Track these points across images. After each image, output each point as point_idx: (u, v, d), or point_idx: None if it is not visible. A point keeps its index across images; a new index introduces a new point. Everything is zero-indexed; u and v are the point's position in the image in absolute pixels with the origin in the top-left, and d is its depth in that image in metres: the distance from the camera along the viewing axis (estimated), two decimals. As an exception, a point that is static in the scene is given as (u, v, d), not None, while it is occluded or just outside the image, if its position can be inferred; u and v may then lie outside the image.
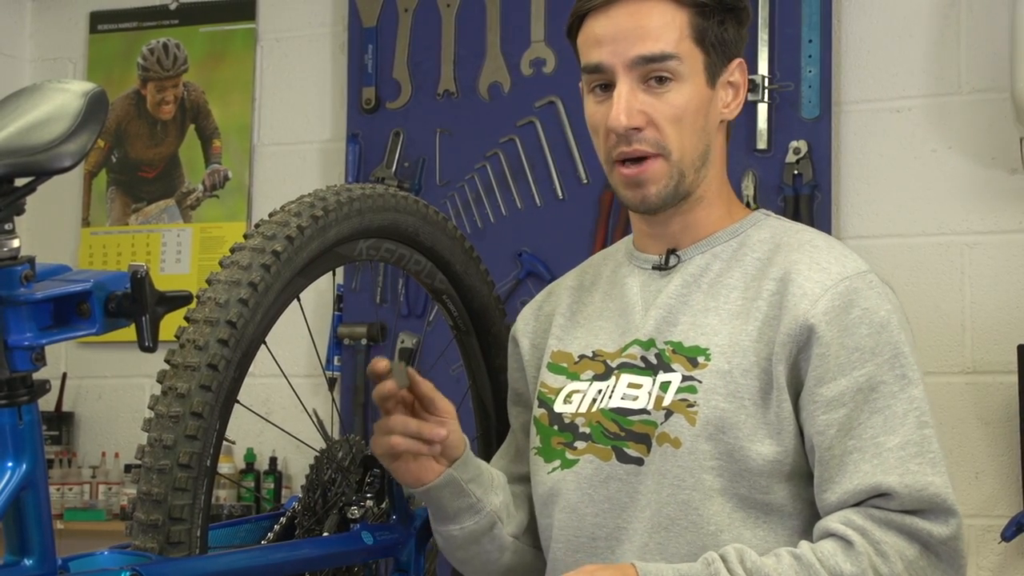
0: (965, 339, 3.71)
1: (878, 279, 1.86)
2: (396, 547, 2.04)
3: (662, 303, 1.93)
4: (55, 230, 4.72)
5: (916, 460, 1.75)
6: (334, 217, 1.88)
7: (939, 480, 1.75)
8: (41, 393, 1.53)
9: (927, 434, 1.77)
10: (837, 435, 1.78)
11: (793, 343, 1.81)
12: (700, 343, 1.87)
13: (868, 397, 1.78)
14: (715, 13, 1.89)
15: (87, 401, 4.73)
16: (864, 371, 1.79)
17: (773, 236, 1.93)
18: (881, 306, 1.82)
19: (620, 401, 1.91)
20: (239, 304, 1.71)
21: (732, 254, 1.93)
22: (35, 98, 1.57)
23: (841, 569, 1.71)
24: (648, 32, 1.87)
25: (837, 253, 1.88)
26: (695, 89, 1.88)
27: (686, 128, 1.88)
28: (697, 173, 1.91)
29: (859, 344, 1.79)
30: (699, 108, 1.89)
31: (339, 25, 4.48)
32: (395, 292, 4.25)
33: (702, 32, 1.88)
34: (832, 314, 1.80)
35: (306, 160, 4.53)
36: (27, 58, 4.93)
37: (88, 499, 4.50)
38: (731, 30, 1.91)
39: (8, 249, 1.48)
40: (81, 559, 1.65)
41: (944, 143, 3.77)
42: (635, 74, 1.87)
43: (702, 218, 1.95)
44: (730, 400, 1.82)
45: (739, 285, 1.89)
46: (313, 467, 2.01)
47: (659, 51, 1.86)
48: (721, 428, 1.82)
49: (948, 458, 1.80)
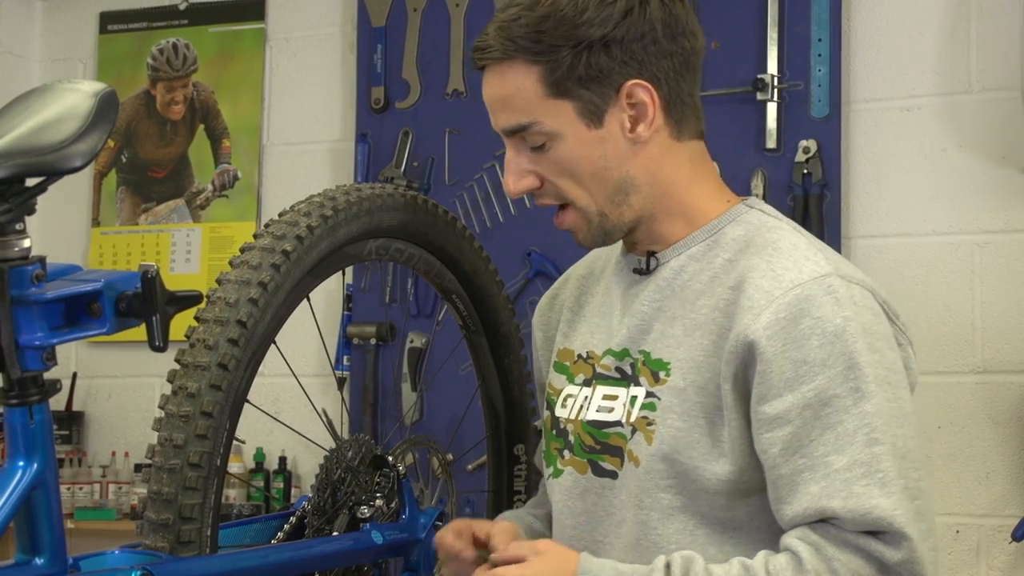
0: (976, 339, 3.70)
1: (841, 281, 1.75)
2: (406, 547, 2.05)
3: (636, 311, 1.87)
4: (65, 230, 4.73)
5: (862, 482, 1.66)
6: (344, 217, 1.88)
7: (886, 502, 1.65)
8: (52, 392, 1.54)
9: (877, 452, 1.67)
10: (782, 453, 1.70)
11: (737, 360, 1.73)
12: (664, 356, 1.82)
13: (819, 412, 1.69)
14: (569, 57, 1.77)
15: (97, 400, 4.73)
16: (813, 385, 1.69)
17: (746, 233, 1.84)
18: (837, 313, 1.71)
19: (596, 414, 1.87)
20: (249, 304, 1.72)
21: (704, 254, 1.85)
22: (46, 98, 1.59)
23: None
24: (504, 103, 1.81)
25: (798, 256, 1.77)
26: (575, 139, 1.80)
27: (582, 177, 1.81)
28: (622, 206, 1.83)
29: (808, 356, 1.69)
30: (587, 154, 1.81)
31: (348, 25, 4.48)
32: (404, 292, 4.25)
33: (559, 83, 1.78)
34: (775, 328, 1.71)
35: (315, 160, 4.53)
36: (37, 58, 4.94)
37: (98, 498, 4.51)
38: (603, 60, 1.78)
39: (19, 249, 1.49)
40: (92, 558, 1.66)
41: (954, 142, 3.76)
42: (514, 140, 1.83)
43: (664, 230, 1.87)
44: (684, 419, 1.77)
45: (704, 290, 1.82)
46: (323, 466, 2.01)
47: (515, 123, 1.81)
48: (676, 448, 1.77)
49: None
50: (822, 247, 1.83)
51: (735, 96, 3.83)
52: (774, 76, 3.82)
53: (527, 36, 1.78)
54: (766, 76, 3.81)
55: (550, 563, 1.74)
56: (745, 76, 3.82)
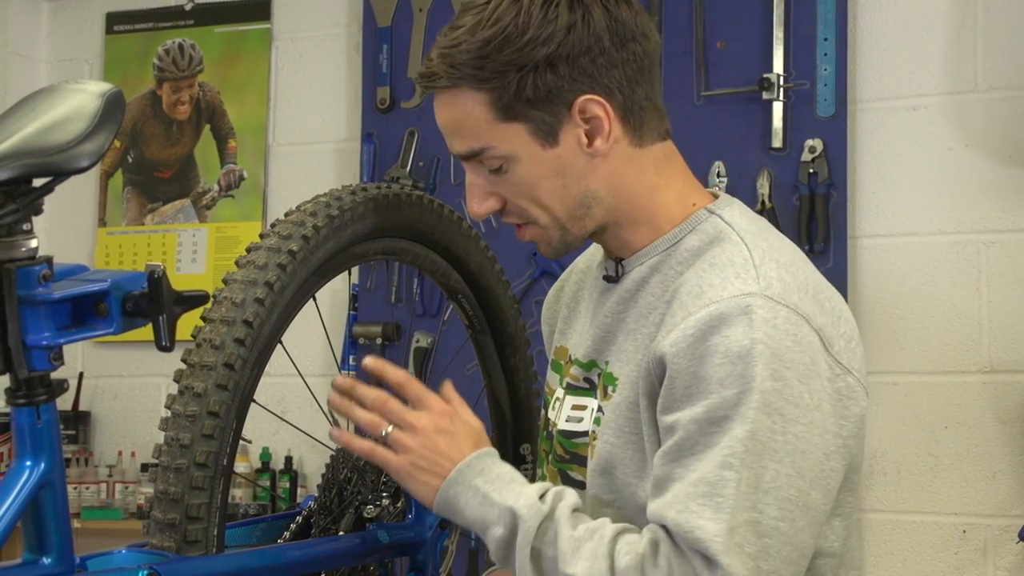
0: (982, 338, 3.70)
1: (767, 303, 1.67)
2: (412, 546, 2.05)
3: (600, 322, 1.85)
4: (72, 230, 4.74)
5: (699, 500, 1.61)
6: (349, 217, 1.89)
7: (712, 527, 1.59)
8: (59, 392, 1.54)
9: (726, 476, 1.61)
10: (662, 456, 1.67)
11: (651, 376, 1.71)
12: (615, 371, 1.81)
13: (705, 429, 1.64)
14: (515, 81, 1.72)
15: (104, 400, 4.74)
16: (706, 403, 1.64)
17: (700, 244, 1.79)
18: (747, 335, 1.65)
19: (566, 423, 1.87)
20: (255, 303, 1.72)
21: (659, 264, 1.81)
22: (52, 99, 1.59)
23: (618, 554, 1.65)
24: (455, 129, 1.78)
25: (729, 273, 1.72)
26: (530, 159, 1.77)
27: (542, 196, 1.79)
28: (584, 220, 1.81)
29: (707, 373, 1.65)
30: (545, 173, 1.77)
31: (354, 25, 4.49)
32: (410, 291, 4.26)
33: (507, 107, 1.74)
34: (682, 344, 1.67)
35: (321, 160, 4.54)
36: (44, 59, 4.95)
37: (105, 498, 4.52)
38: (549, 80, 1.73)
39: (26, 249, 1.49)
40: (99, 557, 1.66)
41: (961, 141, 3.76)
42: (472, 163, 1.81)
43: (629, 237, 1.84)
44: (618, 435, 1.77)
45: (657, 304, 1.79)
46: (329, 466, 2.02)
47: (468, 149, 1.78)
48: (611, 463, 1.77)
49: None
50: (770, 263, 1.74)
51: (741, 96, 3.83)
52: (780, 75, 3.82)
53: (470, 63, 1.73)
54: (772, 75, 3.81)
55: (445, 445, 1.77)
56: (751, 76, 3.82)
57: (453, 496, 1.74)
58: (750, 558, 1.60)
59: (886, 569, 3.75)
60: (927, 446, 3.72)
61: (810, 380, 1.67)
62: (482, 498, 1.73)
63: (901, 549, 3.75)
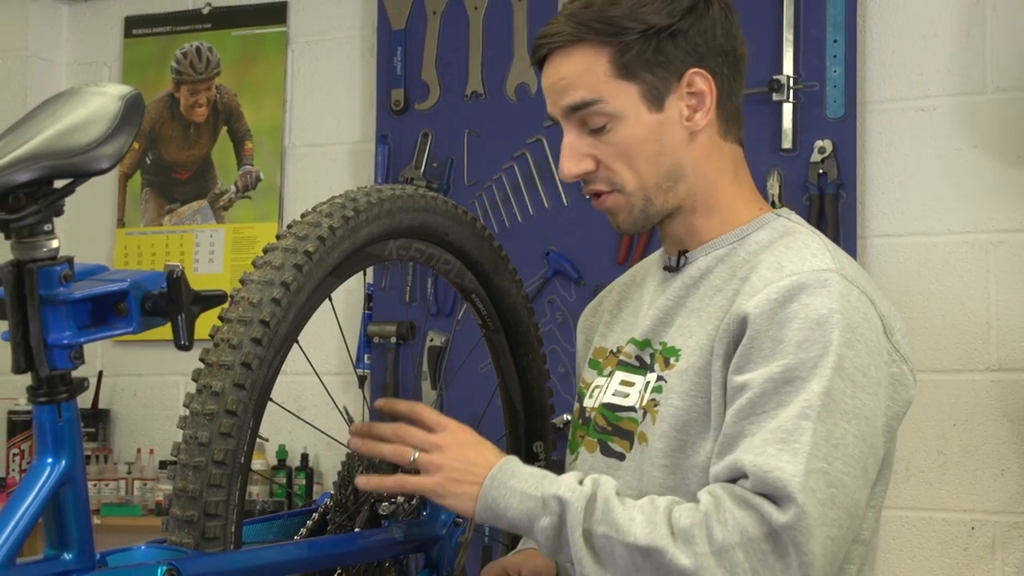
0: (990, 337, 3.71)
1: (841, 280, 1.79)
2: (427, 543, 2.06)
3: (660, 304, 1.95)
4: (91, 231, 4.75)
5: (776, 445, 1.69)
6: (365, 218, 1.89)
7: (790, 468, 1.67)
8: (80, 391, 1.55)
9: (803, 425, 1.70)
10: (733, 415, 1.74)
11: (728, 337, 1.80)
12: (677, 344, 1.89)
13: (779, 388, 1.73)
14: (639, 41, 1.87)
15: (123, 398, 4.76)
16: (783, 363, 1.73)
17: (770, 237, 1.92)
18: (825, 304, 1.76)
19: (611, 397, 1.95)
20: (272, 303, 1.73)
21: (728, 255, 1.93)
22: (73, 101, 1.59)
23: (678, 518, 1.70)
24: (569, 83, 1.89)
25: (806, 253, 1.84)
26: (636, 121, 1.88)
27: (638, 160, 1.89)
28: (668, 193, 1.91)
29: (786, 336, 1.74)
30: (646, 137, 1.88)
31: (368, 28, 4.51)
32: (424, 291, 4.27)
33: (627, 65, 1.87)
34: (765, 307, 1.77)
35: (336, 161, 4.55)
36: (63, 62, 4.98)
37: (124, 495, 4.53)
38: (669, 48, 1.88)
39: (47, 249, 1.50)
40: (119, 553, 1.67)
41: (969, 142, 3.77)
42: (574, 121, 1.90)
43: (700, 225, 1.95)
44: (683, 398, 1.84)
45: (724, 286, 1.89)
46: (345, 464, 2.03)
47: (579, 99, 1.88)
48: (674, 426, 1.83)
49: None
50: (840, 254, 1.89)
51: (751, 97, 3.82)
52: (790, 77, 3.82)
53: (598, 19, 1.88)
54: (782, 77, 3.81)
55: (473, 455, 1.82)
56: (761, 77, 3.82)
57: (493, 500, 1.79)
58: (819, 503, 1.68)
59: (895, 565, 3.76)
60: (936, 443, 3.73)
61: (875, 356, 1.79)
62: (521, 495, 1.78)
63: (910, 545, 3.76)
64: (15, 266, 1.49)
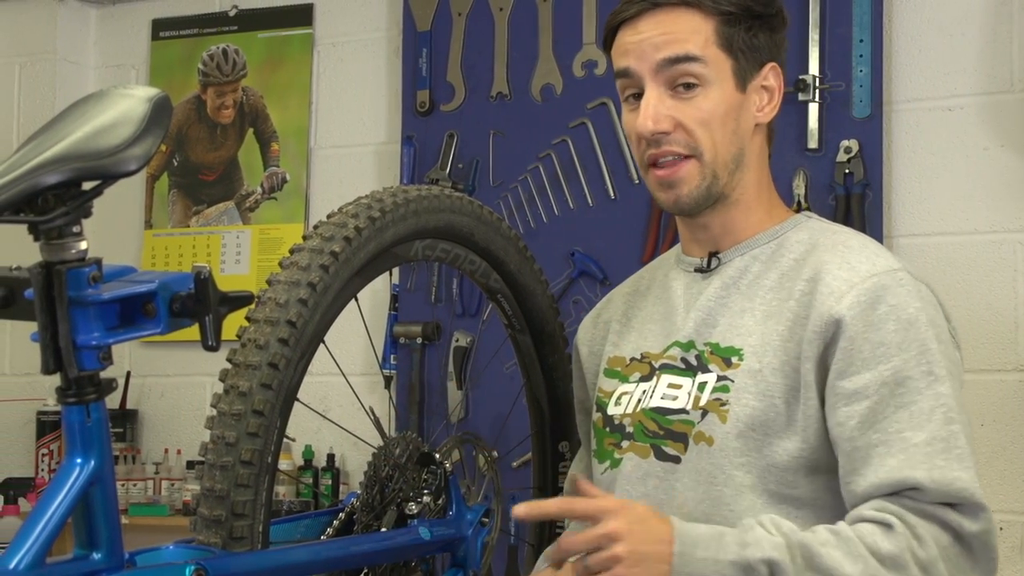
0: (1018, 337, 3.69)
1: (910, 277, 1.86)
2: (453, 543, 2.07)
3: (702, 305, 1.96)
4: (119, 232, 4.77)
5: (943, 456, 1.76)
6: (391, 218, 1.90)
7: (966, 476, 1.76)
8: (108, 391, 1.55)
9: (954, 430, 1.77)
10: (859, 427, 1.79)
11: (820, 340, 1.83)
12: (735, 344, 1.90)
13: (894, 391, 1.79)
14: (742, 20, 1.93)
15: (150, 399, 4.78)
16: (890, 365, 1.79)
17: (811, 237, 1.95)
18: (910, 303, 1.83)
19: (660, 401, 1.94)
20: (299, 304, 1.74)
21: (770, 256, 1.95)
22: (102, 104, 1.59)
23: (880, 546, 1.72)
24: (674, 37, 1.91)
25: (869, 252, 1.90)
26: (723, 93, 1.92)
27: (716, 131, 1.91)
28: (731, 176, 1.94)
29: (885, 339, 1.80)
30: (729, 112, 1.92)
31: (394, 29, 4.51)
32: (450, 291, 4.27)
33: (729, 39, 1.92)
34: (857, 309, 1.81)
35: (362, 162, 4.56)
36: (91, 65, 5.00)
37: (151, 495, 4.55)
38: (761, 36, 1.95)
39: (76, 251, 1.50)
40: (147, 553, 1.67)
41: (996, 141, 3.75)
42: (662, 79, 1.92)
43: (740, 221, 1.97)
44: (760, 398, 1.85)
45: (774, 286, 1.91)
46: (371, 464, 2.03)
47: (684, 52, 1.90)
48: (751, 426, 1.85)
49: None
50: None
51: (777, 97, 3.84)
52: (816, 77, 3.81)
53: None
54: (808, 77, 3.80)
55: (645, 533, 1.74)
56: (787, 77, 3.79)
57: None
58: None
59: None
60: (964, 444, 3.71)
61: (952, 346, 1.88)
62: (715, 563, 1.73)
63: (938, 547, 3.74)
64: (44, 267, 1.49)
